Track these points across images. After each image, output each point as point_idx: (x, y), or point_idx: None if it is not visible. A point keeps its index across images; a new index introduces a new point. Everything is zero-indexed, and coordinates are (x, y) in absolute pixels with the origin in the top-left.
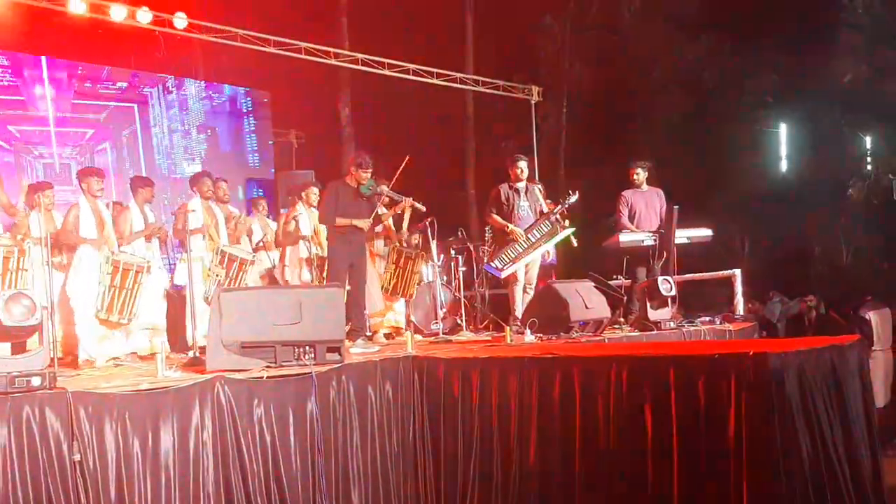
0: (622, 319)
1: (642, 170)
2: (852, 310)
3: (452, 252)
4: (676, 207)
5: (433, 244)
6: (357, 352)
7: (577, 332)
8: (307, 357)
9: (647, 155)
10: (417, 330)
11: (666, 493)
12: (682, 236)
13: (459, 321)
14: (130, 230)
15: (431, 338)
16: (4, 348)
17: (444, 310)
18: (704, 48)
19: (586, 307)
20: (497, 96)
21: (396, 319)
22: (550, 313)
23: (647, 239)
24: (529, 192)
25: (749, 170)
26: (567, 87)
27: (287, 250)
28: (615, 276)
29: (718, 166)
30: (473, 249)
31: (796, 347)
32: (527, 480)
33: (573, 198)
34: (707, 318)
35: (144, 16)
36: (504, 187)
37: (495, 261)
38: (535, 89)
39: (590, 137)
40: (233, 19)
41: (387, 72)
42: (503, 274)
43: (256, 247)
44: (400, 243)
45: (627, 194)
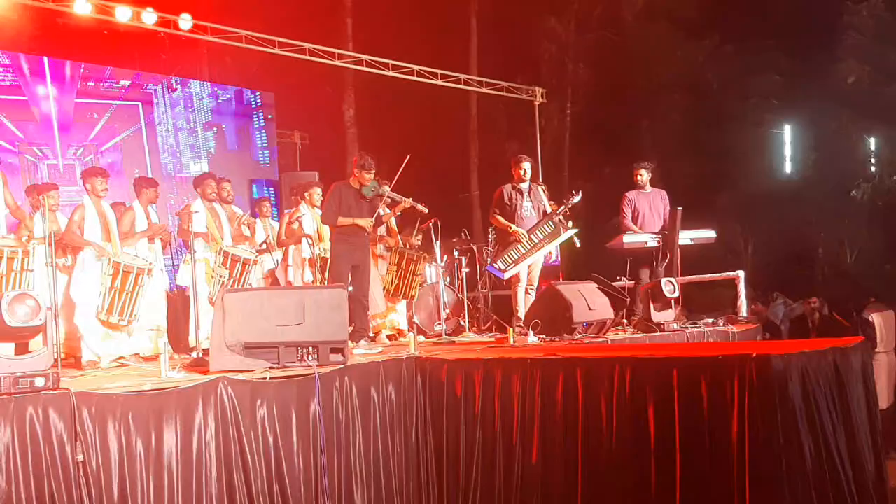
0: (625, 321)
1: (646, 171)
2: (856, 311)
3: (456, 253)
4: (680, 209)
5: (437, 245)
6: (360, 353)
7: (581, 334)
8: (310, 358)
9: (651, 156)
10: (420, 331)
11: (669, 495)
12: (686, 237)
13: (462, 322)
14: (133, 231)
15: (434, 339)
16: (8, 349)
17: (448, 311)
18: (708, 49)
19: (589, 308)
20: (501, 97)
21: (398, 321)
22: (553, 315)
23: (651, 240)
24: (533, 193)
25: (753, 171)
26: (571, 89)
27: (290, 250)
28: (618, 278)
29: (722, 167)
30: (477, 250)
31: (800, 349)
32: (529, 481)
33: (576, 198)
34: (710, 320)
35: (149, 17)
36: (507, 188)
37: (498, 262)
38: (539, 90)
39: (593, 138)
40: (237, 20)
41: (391, 73)
42: (506, 276)
43: (260, 249)
44: (405, 245)
45: (631, 195)
